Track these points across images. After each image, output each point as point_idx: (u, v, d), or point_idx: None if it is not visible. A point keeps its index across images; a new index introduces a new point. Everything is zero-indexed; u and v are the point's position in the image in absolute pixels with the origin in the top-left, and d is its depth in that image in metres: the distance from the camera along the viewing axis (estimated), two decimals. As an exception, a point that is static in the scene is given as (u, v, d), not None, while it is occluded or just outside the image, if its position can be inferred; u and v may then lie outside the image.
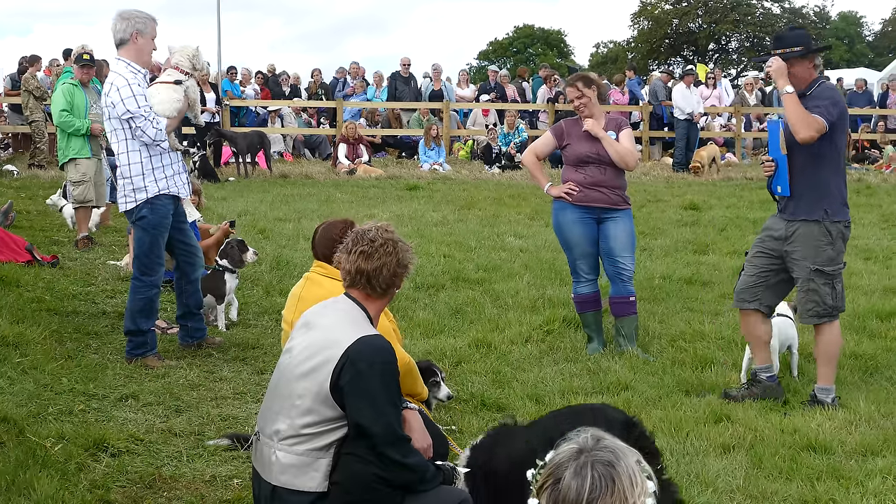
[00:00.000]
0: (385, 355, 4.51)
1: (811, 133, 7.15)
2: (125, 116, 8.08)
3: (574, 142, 8.78)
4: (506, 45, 75.52)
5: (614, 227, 8.76)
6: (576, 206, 8.74)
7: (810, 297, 7.39)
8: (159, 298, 8.57)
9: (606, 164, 8.66)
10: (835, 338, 7.51)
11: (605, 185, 8.69)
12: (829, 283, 7.36)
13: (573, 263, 8.96)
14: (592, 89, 8.77)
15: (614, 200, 8.73)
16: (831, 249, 7.37)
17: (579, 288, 8.95)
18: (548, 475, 2.75)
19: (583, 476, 2.66)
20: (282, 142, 26.76)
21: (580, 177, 8.73)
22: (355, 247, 4.76)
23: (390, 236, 4.80)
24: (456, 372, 8.02)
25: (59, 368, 7.87)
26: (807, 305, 7.44)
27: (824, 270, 7.35)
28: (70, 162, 13.13)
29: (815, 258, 7.35)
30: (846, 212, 7.54)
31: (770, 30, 59.50)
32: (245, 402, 7.38)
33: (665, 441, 6.51)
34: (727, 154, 27.45)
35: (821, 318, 7.43)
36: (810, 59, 7.40)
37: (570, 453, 2.75)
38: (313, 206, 17.19)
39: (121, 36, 8.24)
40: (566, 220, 8.81)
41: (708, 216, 16.58)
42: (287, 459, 4.57)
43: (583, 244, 8.80)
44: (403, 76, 27.92)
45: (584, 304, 8.96)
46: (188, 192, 8.59)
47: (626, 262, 8.78)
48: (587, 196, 8.70)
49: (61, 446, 6.20)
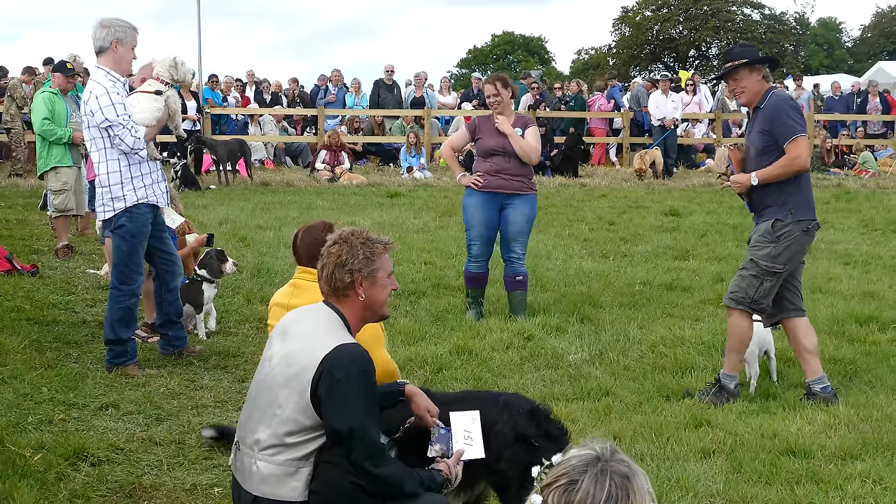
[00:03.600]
0: (362, 363, 4.48)
1: (802, 162, 7.53)
2: (104, 125, 8.04)
3: (485, 136, 9.97)
4: (486, 53, 75.63)
5: (514, 212, 9.90)
6: (482, 192, 9.91)
7: (738, 282, 7.74)
8: (138, 307, 8.54)
9: (511, 155, 9.80)
10: (743, 329, 7.75)
11: (508, 172, 9.85)
12: (759, 278, 7.64)
13: (469, 241, 10.10)
14: (507, 90, 9.91)
15: (516, 186, 9.89)
16: (773, 248, 7.60)
17: (470, 266, 10.12)
18: (560, 475, 2.77)
19: (601, 484, 2.70)
20: (263, 149, 26.71)
21: (487, 166, 9.93)
22: (320, 256, 4.77)
23: (344, 236, 4.76)
24: (437, 379, 8.02)
25: (39, 378, 7.84)
26: (731, 286, 7.83)
27: (759, 263, 7.64)
28: (51, 171, 13.10)
29: (758, 251, 7.66)
30: (812, 212, 7.75)
31: (750, 36, 59.75)
32: (226, 411, 7.37)
33: (645, 446, 6.54)
34: (707, 160, 27.56)
35: (737, 303, 7.73)
36: (758, 70, 7.74)
37: (586, 459, 2.78)
38: (294, 213, 17.17)
39: (100, 44, 8.21)
40: (471, 203, 9.99)
41: (688, 222, 16.64)
42: (268, 469, 4.54)
43: (479, 227, 9.95)
44: (387, 83, 27.91)
45: (472, 280, 10.17)
46: (167, 201, 8.57)
47: (518, 247, 9.97)
48: (490, 183, 9.88)
49: (41, 456, 6.17)
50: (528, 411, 5.16)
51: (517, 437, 4.99)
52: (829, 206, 19.04)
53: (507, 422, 5.10)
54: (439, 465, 4.73)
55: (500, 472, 5.03)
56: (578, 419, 7.01)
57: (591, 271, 12.36)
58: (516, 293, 10.07)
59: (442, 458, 4.79)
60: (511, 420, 5.10)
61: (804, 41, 65.48)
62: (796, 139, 7.48)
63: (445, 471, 4.70)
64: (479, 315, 10.05)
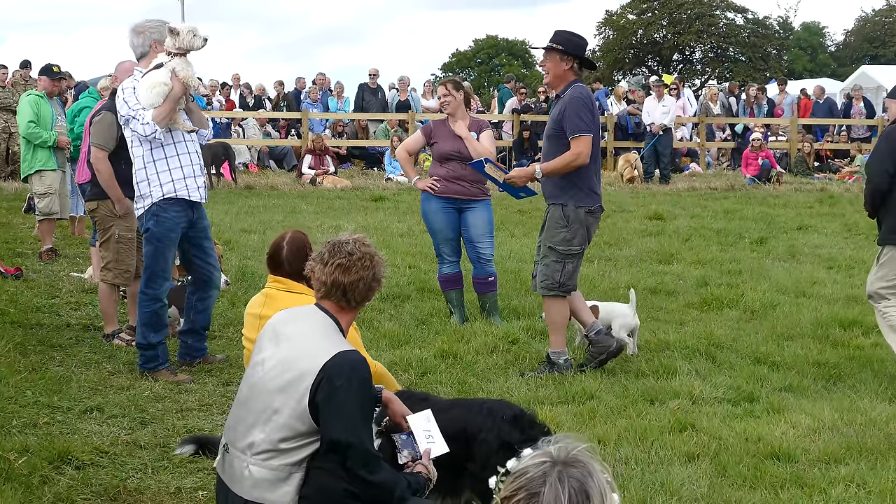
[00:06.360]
0: (362, 371, 4.49)
1: (582, 160, 8.19)
2: (122, 122, 8.06)
3: (440, 140, 9.97)
4: (469, 56, 75.59)
5: (473, 216, 9.94)
6: (439, 197, 9.94)
7: (543, 270, 8.36)
8: (166, 311, 8.43)
9: (467, 160, 9.66)
10: (561, 310, 8.41)
11: (466, 179, 9.84)
12: (560, 262, 8.27)
13: (437, 247, 10.19)
14: (460, 93, 10.00)
15: (473, 192, 9.92)
16: (567, 232, 8.25)
17: (443, 269, 10.17)
18: (518, 487, 2.72)
19: (559, 491, 2.65)
20: (247, 153, 26.66)
21: (444, 171, 9.93)
22: (332, 258, 4.69)
23: (368, 250, 4.75)
24: (422, 382, 8.02)
25: (23, 381, 7.81)
26: (538, 277, 8.45)
27: (557, 249, 8.27)
28: (35, 174, 13.07)
29: (553, 238, 8.29)
30: (593, 199, 8.43)
31: (733, 40, 59.92)
32: (211, 414, 7.36)
33: (630, 450, 6.55)
34: (691, 164, 27.63)
35: (548, 290, 8.34)
36: (569, 62, 8.31)
37: (543, 466, 2.71)
38: (279, 217, 17.15)
39: (141, 50, 8.23)
40: (430, 209, 10.02)
41: (672, 226, 16.68)
42: (260, 474, 4.53)
43: (444, 230, 10.01)
44: (371, 87, 27.92)
45: (447, 282, 10.19)
46: (204, 196, 8.35)
47: (485, 248, 9.98)
48: (448, 188, 9.89)
49: (25, 459, 6.15)
50: (511, 417, 5.17)
51: (501, 444, 4.99)
52: (813, 210, 19.12)
53: (490, 429, 5.11)
54: (417, 468, 4.76)
55: (485, 480, 5.04)
56: (563, 423, 7.02)
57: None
58: (488, 295, 10.09)
59: (414, 462, 4.83)
60: (495, 427, 5.11)
61: (787, 45, 65.65)
62: (581, 137, 8.13)
63: (424, 472, 4.74)
64: (464, 318, 10.04)
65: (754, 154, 23.55)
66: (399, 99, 27.89)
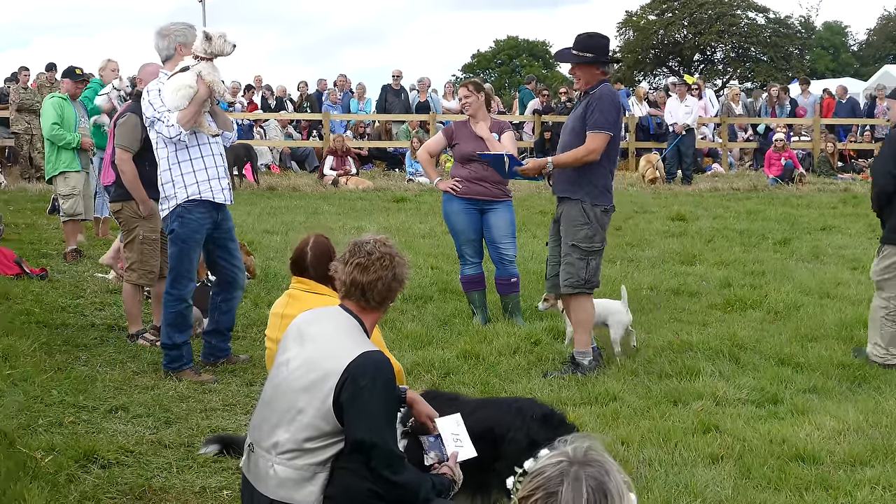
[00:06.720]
0: (386, 372, 4.50)
1: (594, 156, 8.19)
2: (147, 124, 8.11)
3: (462, 141, 9.99)
4: (489, 57, 75.52)
5: (495, 217, 9.93)
6: (461, 198, 9.94)
7: (567, 268, 8.33)
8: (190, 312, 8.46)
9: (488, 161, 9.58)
10: (587, 309, 8.44)
11: (487, 180, 9.82)
12: (584, 259, 8.28)
13: (459, 248, 10.17)
14: (481, 94, 10.01)
15: (495, 193, 9.91)
16: (588, 229, 8.27)
17: (465, 270, 10.15)
18: (535, 487, 2.72)
19: (576, 490, 2.65)
20: (269, 154, 26.73)
21: (465, 172, 9.94)
22: (352, 258, 4.72)
23: (388, 250, 4.76)
24: (445, 383, 8.02)
25: (49, 380, 7.86)
26: (562, 276, 8.40)
27: (580, 246, 8.28)
28: (59, 175, 13.16)
29: (576, 235, 8.29)
30: (607, 198, 8.42)
31: (755, 40, 59.72)
32: (234, 414, 7.40)
33: (653, 451, 6.55)
34: (713, 165, 27.55)
35: (573, 288, 8.33)
36: (596, 66, 8.36)
37: (560, 466, 2.70)
38: (301, 218, 17.20)
39: (166, 53, 8.27)
40: (452, 210, 10.02)
41: (695, 227, 16.63)
42: (285, 473, 4.55)
43: (466, 232, 10.00)
44: (394, 88, 27.95)
45: (470, 284, 10.18)
46: (230, 198, 8.37)
47: (507, 248, 9.97)
48: (470, 189, 9.90)
49: (52, 458, 6.20)
50: (541, 416, 5.17)
51: (531, 443, 4.98)
52: (837, 210, 19.02)
53: (519, 428, 5.11)
54: (442, 469, 4.78)
55: None
56: (586, 424, 7.01)
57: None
58: (510, 296, 10.11)
59: (440, 464, 4.83)
60: (524, 426, 5.12)
61: (809, 45, 65.34)
62: (599, 133, 8.16)
63: (449, 474, 4.75)
64: (486, 319, 10.04)
65: (777, 154, 23.47)
66: (419, 100, 27.90)
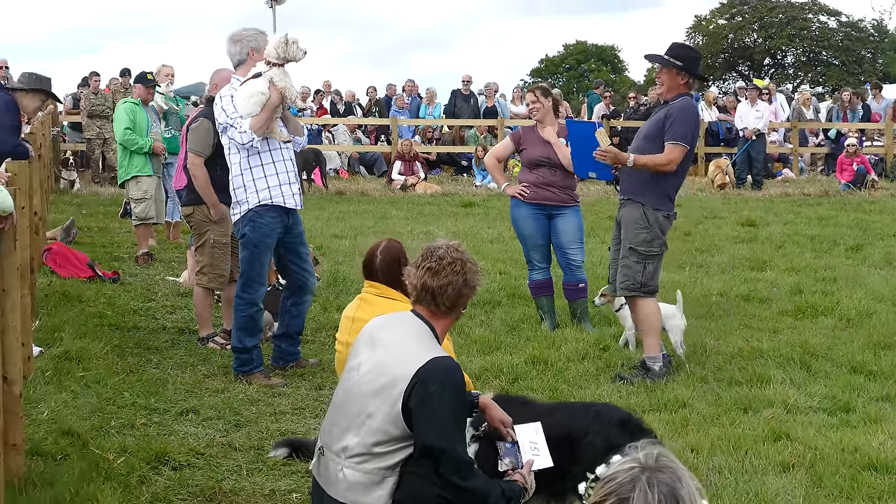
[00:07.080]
0: (455, 378, 4.52)
1: (671, 168, 8.31)
2: (220, 130, 8.19)
3: (529, 146, 9.99)
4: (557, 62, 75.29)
5: (563, 222, 9.94)
6: (529, 203, 9.94)
7: (624, 271, 8.47)
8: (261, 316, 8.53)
9: (557, 166, 9.80)
10: (652, 311, 8.50)
11: (555, 185, 9.88)
12: (641, 262, 8.37)
13: (527, 254, 10.20)
14: (548, 99, 10.00)
15: (563, 199, 9.92)
16: (647, 233, 8.36)
17: (533, 275, 10.15)
18: (608, 493, 2.72)
19: (648, 496, 2.64)
20: (337, 159, 26.89)
21: (533, 177, 9.94)
22: (424, 262, 4.75)
23: (459, 255, 4.77)
24: (513, 389, 8.01)
25: (121, 383, 7.98)
26: (619, 279, 8.55)
27: (637, 249, 8.38)
28: (132, 180, 13.35)
29: (634, 239, 8.39)
30: (669, 205, 8.53)
31: (826, 44, 58.94)
32: (304, 418, 7.45)
33: (723, 459, 6.49)
34: (784, 170, 27.24)
35: (630, 291, 8.46)
36: (684, 77, 8.42)
37: (632, 472, 2.70)
38: (369, 222, 17.28)
39: (238, 58, 8.34)
40: (520, 215, 10.03)
41: (765, 232, 16.46)
42: (354, 477, 4.58)
43: (534, 237, 10.02)
44: (464, 93, 27.99)
45: (538, 289, 10.18)
46: (300, 203, 8.42)
47: (575, 254, 9.98)
48: (538, 194, 9.90)
49: (124, 459, 6.30)
50: (619, 421, 5.15)
51: (609, 447, 4.95)
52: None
53: (598, 432, 5.09)
54: (514, 476, 4.76)
55: None
56: (655, 431, 6.95)
57: (666, 282, 12.18)
58: (578, 302, 10.09)
59: (513, 471, 4.82)
60: (602, 430, 5.09)
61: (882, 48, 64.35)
62: (678, 145, 8.24)
63: (521, 481, 4.73)
64: (554, 325, 10.01)
65: (849, 159, 23.14)
66: (486, 105, 27.91)
